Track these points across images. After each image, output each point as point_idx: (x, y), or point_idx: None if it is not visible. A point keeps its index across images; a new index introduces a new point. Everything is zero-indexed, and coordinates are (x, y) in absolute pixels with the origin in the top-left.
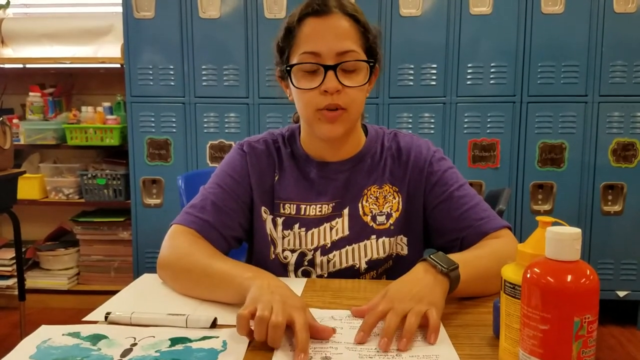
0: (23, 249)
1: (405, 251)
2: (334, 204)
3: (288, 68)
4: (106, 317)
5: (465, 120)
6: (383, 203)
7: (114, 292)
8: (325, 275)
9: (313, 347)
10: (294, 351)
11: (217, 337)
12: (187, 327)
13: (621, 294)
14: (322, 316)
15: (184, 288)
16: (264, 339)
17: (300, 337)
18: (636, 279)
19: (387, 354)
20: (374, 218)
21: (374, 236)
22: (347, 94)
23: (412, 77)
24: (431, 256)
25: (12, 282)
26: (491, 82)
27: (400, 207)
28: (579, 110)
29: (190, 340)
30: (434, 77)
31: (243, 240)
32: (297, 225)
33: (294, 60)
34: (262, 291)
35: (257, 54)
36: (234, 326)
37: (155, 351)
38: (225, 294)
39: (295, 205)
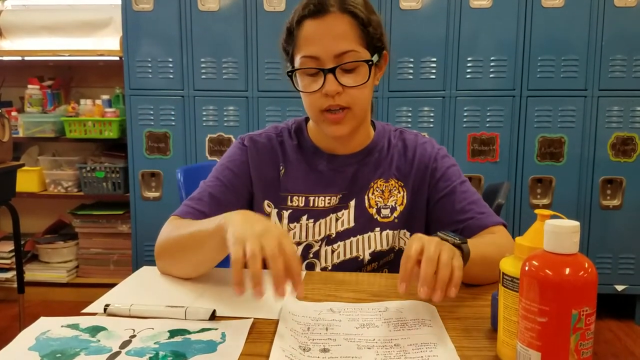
0: (22, 242)
1: None
2: (341, 195)
3: (290, 74)
4: (105, 309)
5: (465, 114)
6: (388, 196)
7: (113, 285)
8: (330, 267)
9: (312, 338)
10: (293, 346)
11: (216, 329)
12: (186, 319)
13: (619, 288)
14: (320, 308)
15: (179, 264)
16: (260, 274)
17: (295, 265)
18: (634, 273)
19: (385, 344)
20: (378, 211)
21: (378, 228)
22: (349, 94)
23: (411, 71)
24: (439, 232)
25: (11, 274)
26: (491, 76)
27: (405, 201)
28: (579, 105)
29: (189, 332)
30: (434, 71)
31: None
32: (304, 217)
33: (296, 62)
34: (243, 227)
35: (256, 47)
36: (233, 318)
37: (154, 343)
38: (210, 247)
39: (304, 198)
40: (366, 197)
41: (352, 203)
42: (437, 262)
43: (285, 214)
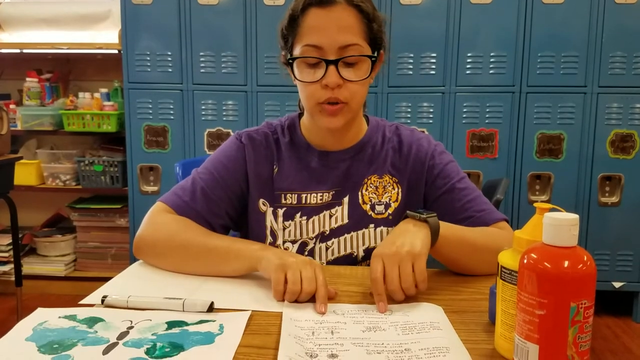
0: (20, 235)
1: None
2: (334, 192)
3: (290, 61)
4: (103, 300)
5: (464, 110)
6: (382, 193)
7: (110, 279)
8: (324, 264)
9: (318, 343)
10: (299, 353)
11: (214, 320)
12: (183, 311)
13: (617, 284)
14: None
15: (176, 265)
16: (295, 298)
17: (322, 292)
18: (632, 270)
19: (395, 349)
20: (372, 207)
21: (372, 225)
22: (348, 88)
23: (411, 67)
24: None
25: (8, 268)
26: (490, 72)
27: (400, 198)
28: (578, 101)
29: (186, 324)
30: (434, 67)
31: (230, 228)
32: (298, 215)
33: (297, 50)
34: (283, 257)
35: (255, 41)
36: (231, 310)
37: (152, 334)
38: (232, 267)
39: (296, 195)
40: (360, 193)
41: (346, 199)
42: (399, 278)
43: (280, 212)
